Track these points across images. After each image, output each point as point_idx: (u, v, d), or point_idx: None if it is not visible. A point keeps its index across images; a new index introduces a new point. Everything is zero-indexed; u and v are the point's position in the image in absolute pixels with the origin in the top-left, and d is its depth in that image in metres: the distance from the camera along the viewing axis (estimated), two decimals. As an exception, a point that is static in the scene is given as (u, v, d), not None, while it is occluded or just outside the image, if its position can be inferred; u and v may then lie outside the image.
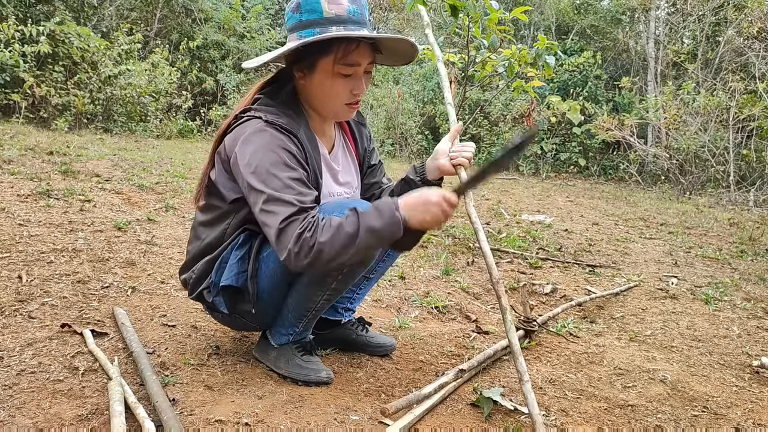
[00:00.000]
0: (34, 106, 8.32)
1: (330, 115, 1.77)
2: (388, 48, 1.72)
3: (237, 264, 1.67)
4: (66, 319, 2.01)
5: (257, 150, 1.57)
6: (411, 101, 12.62)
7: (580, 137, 11.23)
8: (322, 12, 1.60)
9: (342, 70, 1.64)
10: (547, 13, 14.94)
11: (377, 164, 2.01)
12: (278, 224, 1.48)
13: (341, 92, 1.67)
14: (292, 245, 1.46)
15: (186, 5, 12.58)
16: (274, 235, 1.49)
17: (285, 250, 1.48)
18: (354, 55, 1.62)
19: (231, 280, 1.66)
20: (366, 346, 2.06)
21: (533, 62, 3.99)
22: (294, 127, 1.64)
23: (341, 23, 1.60)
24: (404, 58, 1.78)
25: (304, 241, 1.46)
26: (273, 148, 1.57)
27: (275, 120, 1.62)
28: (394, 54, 1.75)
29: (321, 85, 1.67)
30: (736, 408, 1.89)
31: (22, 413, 1.44)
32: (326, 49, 1.61)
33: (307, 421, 1.54)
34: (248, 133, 1.61)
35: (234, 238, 1.70)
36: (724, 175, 9.19)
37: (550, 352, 2.24)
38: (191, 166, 5.91)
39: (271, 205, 1.51)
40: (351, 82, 1.66)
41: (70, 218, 3.21)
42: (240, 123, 1.66)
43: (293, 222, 1.48)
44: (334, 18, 1.60)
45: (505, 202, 6.44)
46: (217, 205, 1.73)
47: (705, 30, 11.88)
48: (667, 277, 3.63)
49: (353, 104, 1.72)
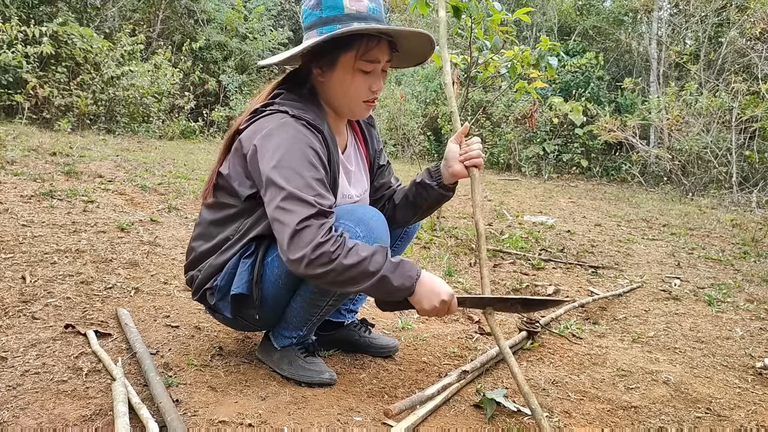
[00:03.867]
0: (37, 107, 8.35)
1: (347, 112, 1.75)
2: (405, 48, 1.72)
3: (247, 272, 1.65)
4: (69, 319, 2.01)
5: (281, 144, 1.54)
6: (413, 102, 12.63)
7: (582, 138, 11.23)
8: (344, 8, 1.60)
9: (363, 66, 1.63)
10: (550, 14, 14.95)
11: (385, 165, 2.01)
12: (295, 224, 1.44)
13: (361, 89, 1.67)
14: (309, 251, 1.43)
15: (188, 6, 12.61)
16: (289, 234, 1.45)
17: (298, 252, 1.44)
18: (375, 51, 1.63)
19: (242, 288, 1.64)
20: (369, 347, 2.06)
21: (536, 63, 3.99)
22: (320, 123, 1.63)
23: (362, 19, 1.60)
24: (418, 59, 1.79)
25: (324, 254, 1.43)
26: (298, 144, 1.54)
27: (301, 115, 1.60)
28: (409, 54, 1.76)
29: (341, 82, 1.66)
30: (740, 409, 1.88)
31: (26, 414, 1.44)
32: (348, 45, 1.61)
33: (311, 422, 1.54)
34: (272, 126, 1.58)
35: (244, 246, 1.67)
36: (726, 177, 9.17)
37: (552, 354, 2.24)
38: (194, 167, 5.92)
39: (290, 203, 1.47)
40: (370, 79, 1.66)
41: (73, 219, 3.22)
42: (262, 116, 1.63)
43: (311, 225, 1.45)
44: (355, 14, 1.60)
45: (507, 203, 6.44)
46: (228, 203, 1.69)
47: (707, 31, 11.87)
48: (670, 278, 3.62)
49: (370, 102, 1.72)
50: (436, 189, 1.87)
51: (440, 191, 1.87)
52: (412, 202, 1.92)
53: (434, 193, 1.88)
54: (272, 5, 14.28)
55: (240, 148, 1.63)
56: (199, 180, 5.05)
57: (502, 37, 4.08)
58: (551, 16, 14.90)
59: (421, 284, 1.53)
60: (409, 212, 1.94)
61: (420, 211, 1.94)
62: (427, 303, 1.54)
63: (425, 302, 1.54)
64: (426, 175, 1.90)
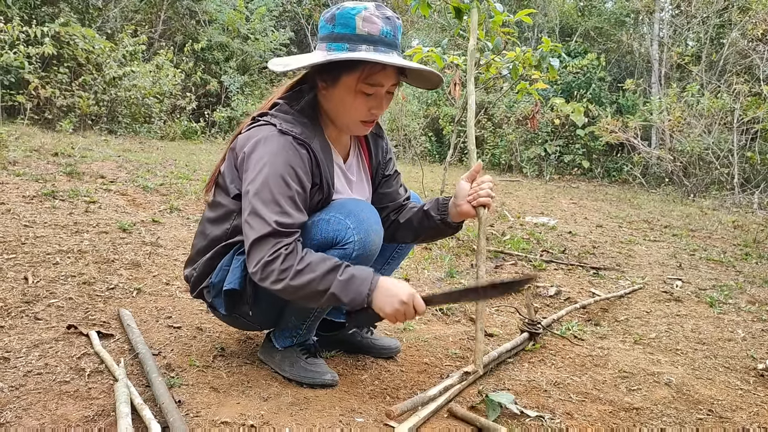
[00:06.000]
0: (39, 108, 8.36)
1: (345, 129, 1.77)
2: (414, 74, 1.72)
3: (240, 267, 1.67)
4: (72, 320, 2.02)
5: (261, 157, 1.59)
6: (415, 103, 12.63)
7: (583, 139, 11.23)
8: (356, 29, 1.59)
9: (365, 89, 1.64)
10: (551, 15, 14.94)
11: (392, 174, 1.99)
12: (252, 240, 1.54)
13: (360, 109, 1.67)
14: (260, 268, 1.52)
15: (190, 7, 12.62)
16: (247, 249, 1.56)
17: (252, 267, 1.55)
18: (379, 76, 1.62)
19: (234, 284, 1.66)
20: (371, 348, 2.06)
21: (537, 64, 3.99)
22: (308, 137, 1.65)
23: (372, 43, 1.59)
24: (429, 84, 1.78)
25: (272, 272, 1.52)
26: (276, 159, 1.58)
27: (289, 129, 1.63)
28: (419, 79, 1.75)
29: (341, 100, 1.67)
30: (741, 411, 1.88)
31: (28, 414, 1.44)
32: (352, 67, 1.61)
33: (312, 423, 1.54)
34: (259, 137, 1.62)
35: (236, 243, 1.70)
36: (728, 178, 9.17)
37: (554, 355, 2.24)
38: (195, 168, 5.92)
39: (252, 219, 1.56)
40: (372, 101, 1.66)
41: (75, 219, 3.22)
42: (255, 126, 1.68)
43: (265, 244, 1.53)
44: (366, 36, 1.59)
45: (508, 204, 6.44)
46: (222, 203, 1.74)
47: (709, 32, 11.86)
48: (672, 279, 3.62)
49: (369, 122, 1.72)
50: (437, 223, 1.86)
51: (443, 227, 1.87)
52: (414, 228, 1.92)
53: (437, 226, 1.87)
54: (274, 6, 14.29)
55: (234, 150, 1.70)
56: (200, 181, 5.06)
57: (504, 38, 4.08)
58: (553, 17, 14.90)
59: (379, 291, 1.54)
60: (410, 235, 1.94)
61: (420, 237, 1.95)
62: (389, 307, 1.55)
63: (386, 307, 1.55)
64: (434, 205, 1.88)
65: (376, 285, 1.54)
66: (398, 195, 1.99)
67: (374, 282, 1.54)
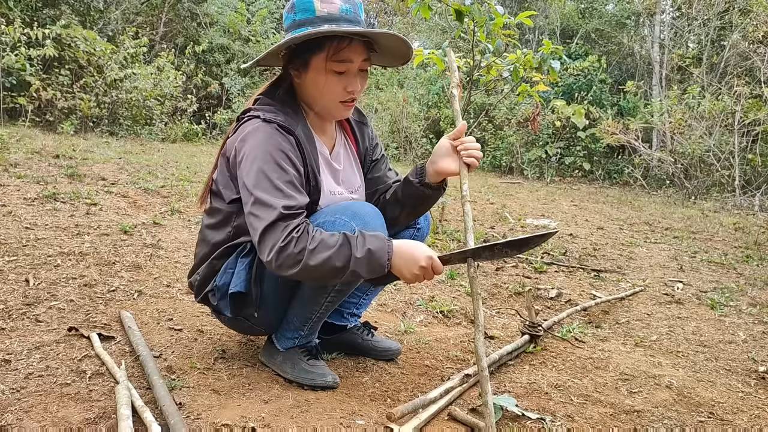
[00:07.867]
0: (41, 110, 8.37)
1: (325, 113, 1.77)
2: (383, 46, 1.72)
3: (245, 270, 1.67)
4: (73, 322, 2.02)
5: (252, 148, 1.60)
6: (415, 105, 12.64)
7: (584, 141, 11.23)
8: (315, 11, 1.62)
9: (335, 68, 1.65)
10: (552, 17, 14.95)
11: (380, 159, 1.99)
12: (261, 229, 1.53)
13: (335, 90, 1.68)
14: (274, 255, 1.50)
15: (191, 9, 12.65)
16: (257, 239, 1.54)
17: (266, 256, 1.52)
18: (346, 51, 1.64)
19: (240, 286, 1.67)
20: (371, 350, 2.06)
21: (538, 66, 3.99)
22: (291, 125, 1.66)
23: (333, 21, 1.61)
24: (400, 58, 1.78)
25: (288, 256, 1.50)
26: (267, 147, 1.59)
27: (272, 118, 1.64)
28: (389, 53, 1.76)
29: (315, 83, 1.69)
30: (742, 414, 1.88)
31: (29, 417, 1.44)
32: (318, 47, 1.63)
33: (313, 425, 1.54)
34: (247, 131, 1.64)
35: (239, 245, 1.71)
36: (729, 180, 9.16)
37: (555, 357, 2.24)
38: (196, 170, 5.93)
39: (257, 208, 1.55)
40: (344, 79, 1.67)
41: (76, 222, 3.22)
42: (242, 123, 1.70)
43: (274, 230, 1.51)
44: (326, 16, 1.61)
45: (509, 206, 6.43)
46: (219, 208, 1.75)
47: (710, 34, 11.87)
48: (673, 281, 3.62)
49: (348, 102, 1.72)
50: (417, 186, 1.81)
51: (423, 189, 1.80)
52: (400, 200, 1.87)
53: (417, 191, 1.81)
54: (275, 8, 14.31)
55: (225, 153, 1.71)
56: (201, 182, 5.06)
57: (505, 40, 4.08)
58: (554, 19, 14.91)
59: (396, 256, 1.55)
60: (396, 209, 1.88)
61: (407, 208, 1.87)
62: (408, 272, 1.57)
63: (405, 272, 1.57)
64: (412, 171, 1.86)
65: (393, 251, 1.55)
66: (387, 178, 1.98)
67: (391, 250, 1.55)
